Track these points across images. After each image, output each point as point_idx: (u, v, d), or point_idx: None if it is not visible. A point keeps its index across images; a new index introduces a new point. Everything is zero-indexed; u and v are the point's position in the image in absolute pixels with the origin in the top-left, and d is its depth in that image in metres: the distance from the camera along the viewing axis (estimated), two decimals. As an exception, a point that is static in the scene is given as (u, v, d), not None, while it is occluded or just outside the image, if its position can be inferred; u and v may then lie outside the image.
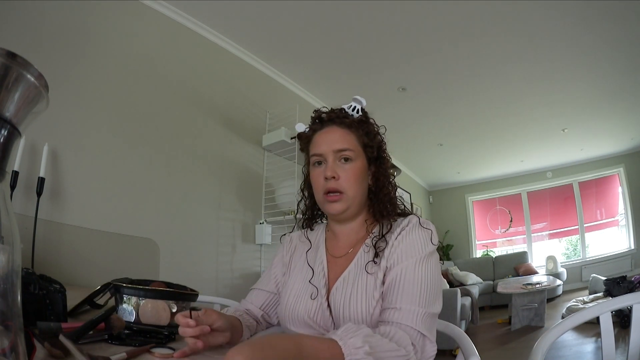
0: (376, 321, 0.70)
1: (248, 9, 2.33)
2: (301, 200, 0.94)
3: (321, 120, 0.85)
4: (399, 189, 0.88)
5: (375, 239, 0.78)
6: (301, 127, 0.89)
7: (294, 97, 3.24)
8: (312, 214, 0.93)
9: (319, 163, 0.82)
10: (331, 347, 0.54)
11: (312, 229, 0.93)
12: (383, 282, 0.72)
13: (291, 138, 2.58)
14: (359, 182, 0.81)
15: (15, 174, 1.38)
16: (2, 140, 0.34)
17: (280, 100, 3.01)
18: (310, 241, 0.90)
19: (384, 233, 0.78)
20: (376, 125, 0.87)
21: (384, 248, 0.76)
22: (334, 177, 0.79)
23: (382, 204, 0.83)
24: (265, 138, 2.72)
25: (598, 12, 2.44)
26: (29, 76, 0.35)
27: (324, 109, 0.87)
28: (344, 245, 0.84)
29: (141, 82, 2.07)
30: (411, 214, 0.84)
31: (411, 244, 0.74)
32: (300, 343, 0.52)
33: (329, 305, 0.75)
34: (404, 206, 0.87)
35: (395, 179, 0.89)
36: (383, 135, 0.88)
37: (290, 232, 0.98)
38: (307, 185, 0.90)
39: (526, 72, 3.20)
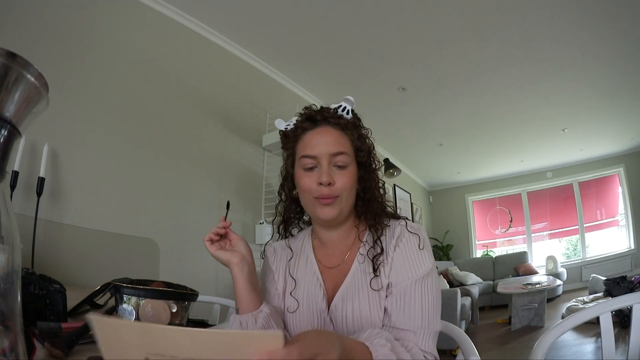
0: None
1: (248, 9, 2.33)
2: (279, 203, 0.85)
3: (313, 119, 0.77)
4: (399, 189, 0.85)
5: (370, 251, 0.75)
6: (281, 124, 0.81)
7: (294, 97, 3.24)
8: (289, 216, 0.85)
9: (311, 166, 0.75)
10: (362, 347, 0.56)
11: (292, 235, 0.87)
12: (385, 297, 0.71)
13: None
14: (351, 187, 0.75)
15: (15, 174, 1.38)
16: (2, 140, 0.34)
17: (280, 100, 3.01)
18: (291, 249, 0.84)
19: (376, 238, 0.75)
20: (365, 127, 0.82)
21: (382, 259, 0.73)
22: (330, 184, 0.72)
23: (373, 211, 0.78)
24: (265, 138, 2.72)
25: (597, 12, 2.44)
26: (29, 76, 0.35)
27: (314, 107, 0.80)
28: (334, 254, 0.80)
29: (141, 82, 2.07)
30: (398, 217, 0.80)
31: (407, 261, 0.71)
32: (341, 338, 0.54)
33: (331, 320, 0.73)
34: (393, 208, 0.83)
35: (396, 179, 0.85)
36: (371, 139, 0.83)
37: (272, 242, 0.88)
38: (286, 186, 0.83)
39: (526, 73, 3.20)
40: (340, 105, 0.78)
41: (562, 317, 3.64)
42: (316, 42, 2.71)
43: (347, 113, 0.78)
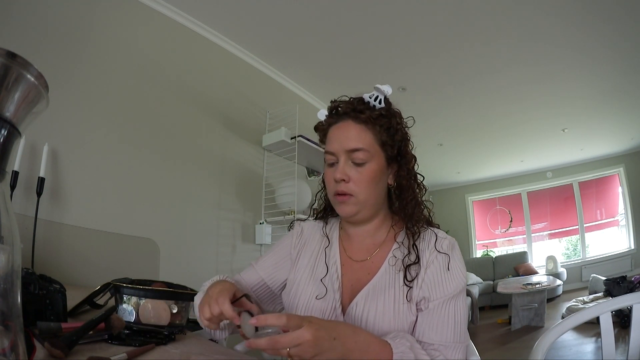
0: None
1: (248, 9, 2.33)
2: (320, 190, 0.87)
3: (337, 113, 0.76)
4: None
5: (406, 258, 0.72)
6: (322, 115, 0.80)
7: (294, 97, 3.24)
8: (326, 207, 0.87)
9: (331, 162, 0.75)
10: (383, 344, 0.59)
11: (326, 223, 0.87)
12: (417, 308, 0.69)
13: (291, 138, 2.58)
14: (373, 184, 0.73)
15: (15, 174, 1.38)
16: (2, 140, 0.34)
17: (280, 100, 3.01)
18: (329, 238, 0.83)
19: (411, 244, 0.72)
20: (399, 118, 0.77)
21: (417, 271, 0.70)
22: (343, 180, 0.72)
23: (406, 208, 0.75)
24: (265, 138, 2.72)
25: (597, 13, 2.44)
26: (29, 76, 0.35)
27: (344, 98, 0.77)
28: (359, 248, 0.78)
29: (141, 82, 2.07)
30: (432, 224, 0.78)
31: (442, 278, 0.69)
32: (356, 330, 0.58)
33: (342, 312, 0.72)
34: (429, 213, 0.80)
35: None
36: (407, 129, 0.79)
37: (303, 222, 0.89)
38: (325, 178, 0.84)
39: (526, 73, 3.20)
40: (373, 94, 0.74)
41: (562, 317, 3.64)
42: (316, 42, 2.71)
43: (380, 102, 0.74)
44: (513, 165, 6.21)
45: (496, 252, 6.82)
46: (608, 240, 5.95)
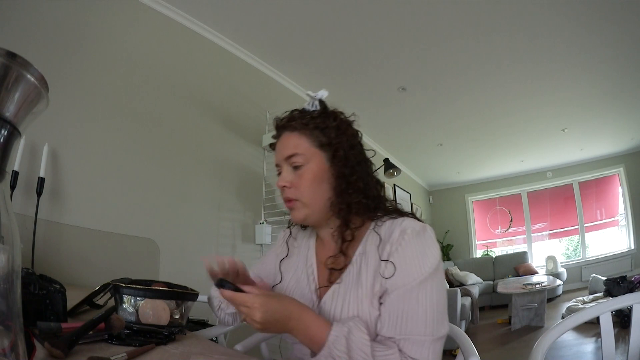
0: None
1: (248, 9, 2.33)
2: None
3: (277, 129, 0.82)
4: (399, 189, 0.83)
5: (371, 254, 0.71)
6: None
7: (294, 97, 3.24)
8: None
9: (278, 173, 0.79)
10: (323, 326, 0.63)
11: (304, 228, 0.90)
12: (379, 303, 0.67)
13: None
14: (314, 185, 0.74)
15: (15, 174, 1.38)
16: (2, 140, 0.34)
17: (280, 100, 3.01)
18: (308, 244, 0.86)
19: (350, 239, 0.74)
20: (335, 116, 0.78)
21: (382, 265, 0.68)
22: (285, 186, 0.76)
23: (352, 202, 0.74)
24: (265, 138, 2.72)
25: (598, 12, 2.44)
26: (29, 76, 0.35)
27: (286, 114, 0.82)
28: (329, 250, 0.79)
29: (141, 82, 2.07)
30: (405, 214, 0.75)
31: (408, 261, 0.66)
32: (302, 315, 0.64)
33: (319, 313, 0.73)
34: (395, 203, 0.80)
35: (396, 179, 0.83)
36: (351, 123, 0.80)
37: (288, 228, 0.93)
38: None
39: (526, 73, 3.20)
40: (308, 103, 0.80)
41: (562, 317, 3.64)
42: (316, 42, 2.71)
43: (315, 107, 0.78)
44: (513, 165, 6.21)
45: (496, 252, 6.82)
46: (608, 240, 5.95)
